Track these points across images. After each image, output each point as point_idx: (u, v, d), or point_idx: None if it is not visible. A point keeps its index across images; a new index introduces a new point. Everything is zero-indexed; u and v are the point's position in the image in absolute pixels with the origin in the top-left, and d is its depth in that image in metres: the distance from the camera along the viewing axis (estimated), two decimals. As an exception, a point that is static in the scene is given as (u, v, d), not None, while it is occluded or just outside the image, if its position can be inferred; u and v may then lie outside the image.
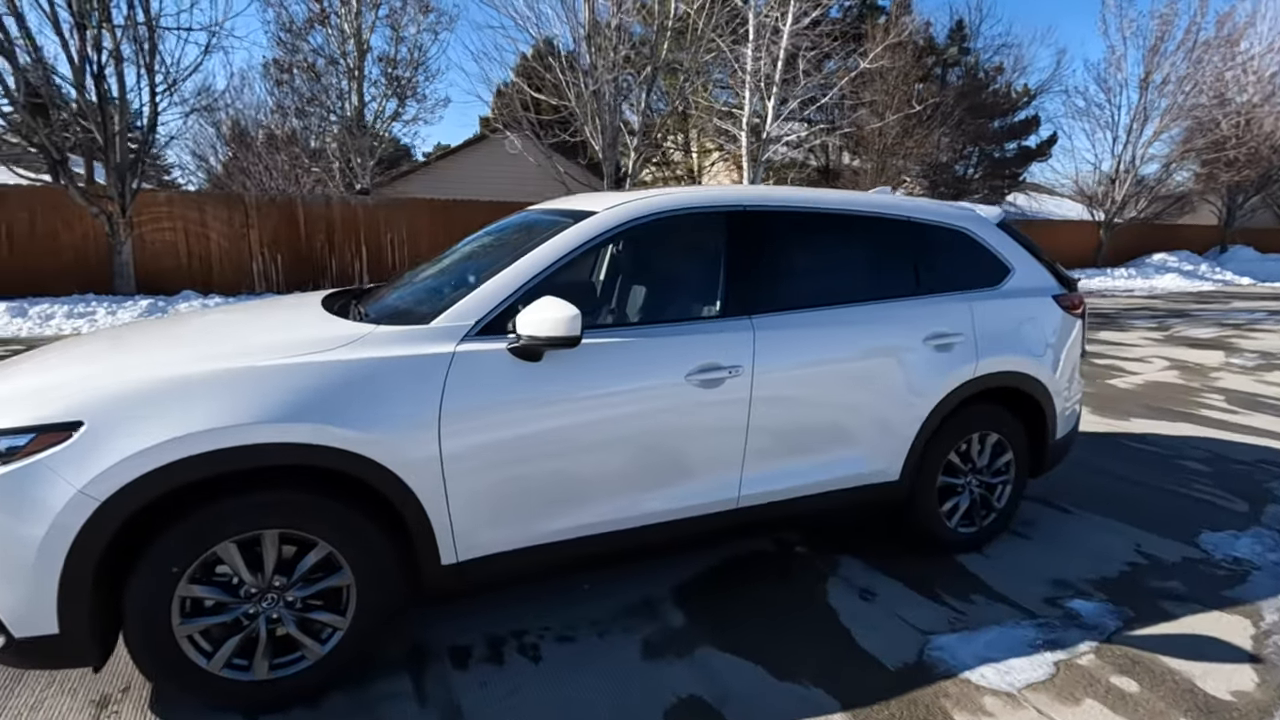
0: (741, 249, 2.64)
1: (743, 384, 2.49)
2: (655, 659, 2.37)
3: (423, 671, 2.28)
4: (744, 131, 15.91)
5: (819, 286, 2.80)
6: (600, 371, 2.31)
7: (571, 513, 2.33)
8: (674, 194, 2.66)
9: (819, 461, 2.72)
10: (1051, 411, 3.19)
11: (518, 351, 2.18)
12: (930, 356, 2.85)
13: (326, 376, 1.99)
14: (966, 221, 3.15)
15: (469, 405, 2.13)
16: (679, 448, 2.45)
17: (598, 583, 2.83)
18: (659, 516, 2.46)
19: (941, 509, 3.06)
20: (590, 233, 2.42)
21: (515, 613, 2.61)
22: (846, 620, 2.63)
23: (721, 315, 2.56)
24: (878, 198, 3.07)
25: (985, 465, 3.14)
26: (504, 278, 2.29)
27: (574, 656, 2.38)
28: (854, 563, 3.08)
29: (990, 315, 3.02)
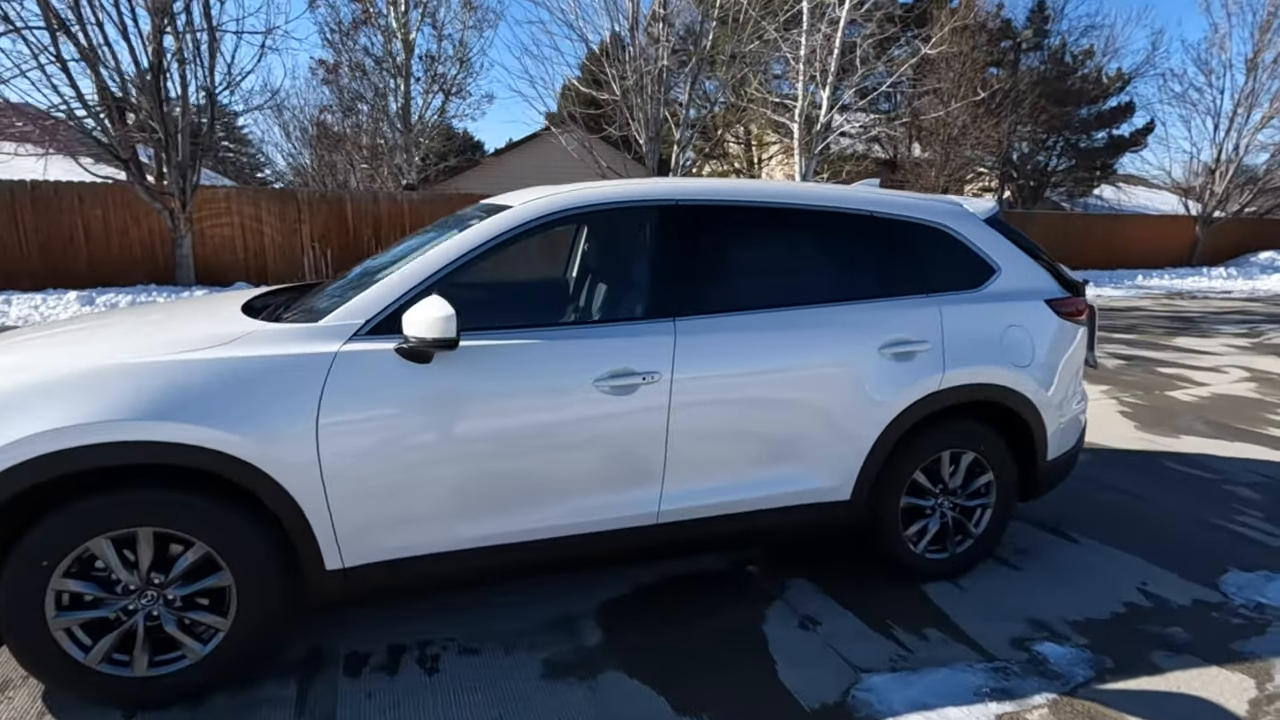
0: (668, 246, 2.46)
1: (660, 391, 2.32)
2: (555, 680, 2.24)
3: (313, 677, 2.23)
4: (796, 123, 15.44)
5: (757, 288, 2.58)
6: (497, 375, 2.19)
7: (467, 523, 2.22)
8: (594, 188, 2.50)
9: (754, 477, 2.51)
10: (1040, 429, 2.85)
11: (405, 353, 2.08)
12: (886, 366, 2.58)
13: (194, 375, 1.95)
14: (945, 217, 2.84)
15: (351, 407, 2.05)
16: (587, 458, 2.30)
17: (526, 594, 2.72)
18: (567, 530, 2.32)
19: (906, 533, 2.79)
20: (496, 230, 2.30)
21: (429, 621, 2.54)
22: (776, 650, 2.43)
23: (642, 318, 2.39)
24: (835, 190, 2.81)
25: (959, 486, 2.84)
26: (399, 276, 2.21)
27: (472, 672, 2.28)
28: (807, 587, 2.84)
29: (964, 321, 2.72)
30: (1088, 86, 24.12)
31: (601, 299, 2.60)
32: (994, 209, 3.04)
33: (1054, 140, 24.25)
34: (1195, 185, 20.60)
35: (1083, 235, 18.99)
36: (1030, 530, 3.40)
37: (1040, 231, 18.57)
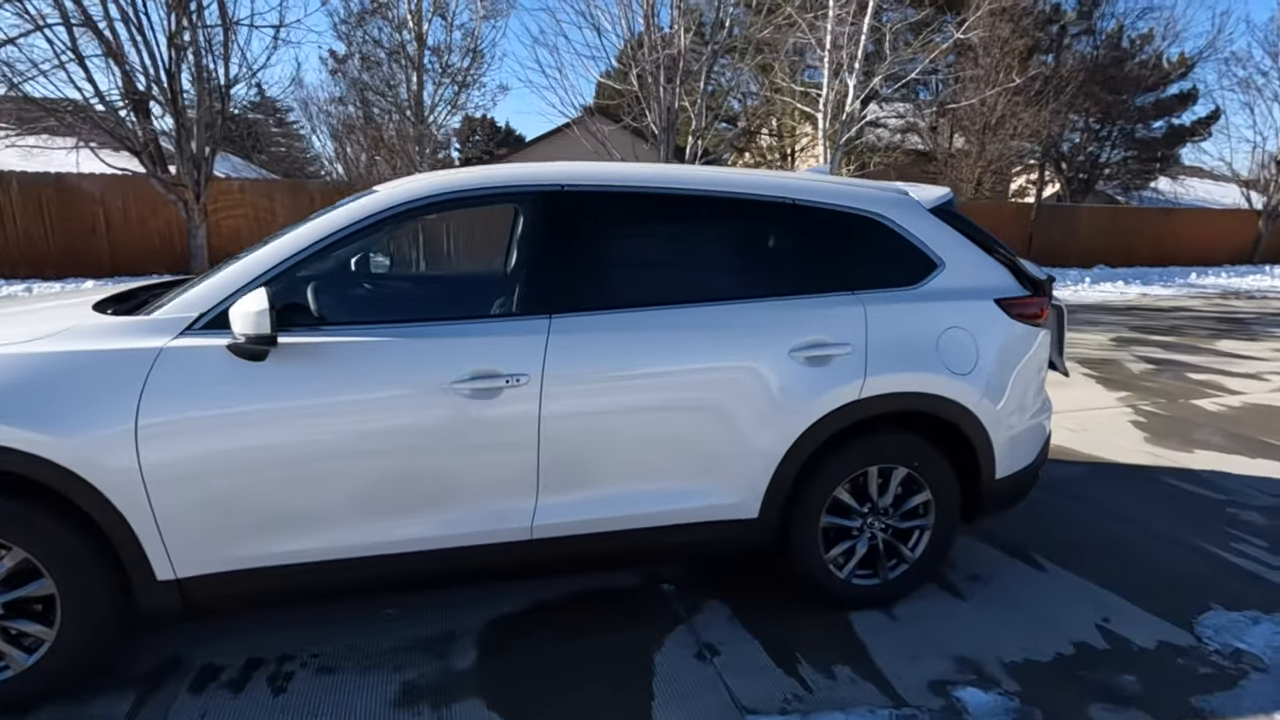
0: (549, 236, 2.24)
1: (528, 395, 2.11)
2: (405, 708, 2.06)
3: (155, 691, 2.10)
4: (821, 113, 14.92)
5: (650, 282, 2.34)
6: (340, 375, 2.01)
7: (312, 534, 2.05)
8: (473, 172, 2.29)
9: (644, 491, 2.28)
10: (985, 443, 2.54)
11: (236, 350, 1.92)
12: (798, 371, 2.32)
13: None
14: (882, 206, 2.55)
15: (175, 407, 1.90)
16: (445, 466, 2.11)
17: (417, 606, 2.55)
18: (425, 544, 2.14)
19: (829, 555, 2.52)
20: (350, 218, 2.11)
21: (304, 632, 2.39)
22: (661, 682, 2.20)
23: (514, 314, 2.19)
24: (752, 176, 2.54)
25: (890, 506, 2.55)
26: (240, 266, 2.05)
27: (320, 692, 2.11)
28: (721, 611, 2.60)
29: (892, 321, 2.43)
30: (1145, 72, 22.76)
31: (473, 294, 2.40)
32: (943, 197, 2.73)
33: (1108, 130, 22.98)
34: (1259, 177, 19.25)
35: (1131, 230, 17.96)
36: (991, 553, 3.08)
37: (1084, 227, 17.64)
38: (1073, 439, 4.68)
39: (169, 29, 9.57)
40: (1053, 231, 17.17)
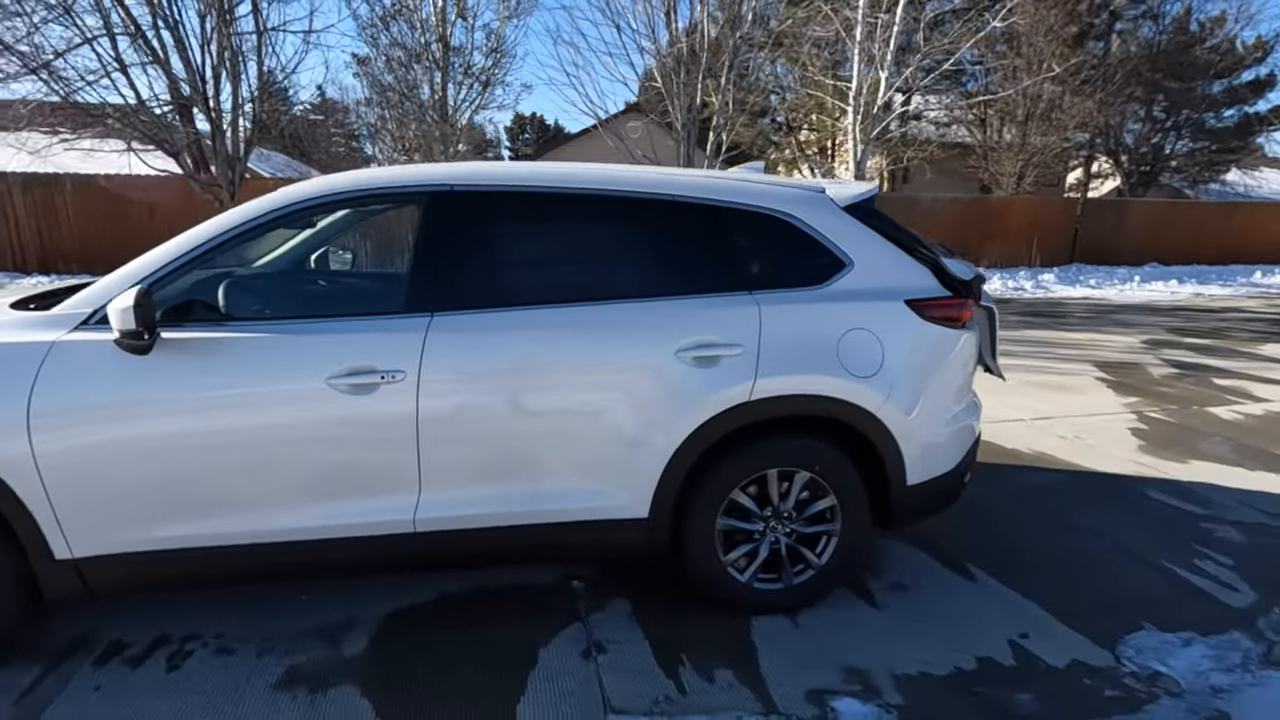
0: (436, 235, 2.27)
1: (405, 391, 2.15)
2: (283, 690, 2.14)
3: (59, 664, 2.24)
4: (851, 106, 14.57)
5: (537, 282, 2.36)
6: (220, 370, 2.10)
7: (196, 521, 2.15)
8: (363, 174, 2.35)
9: (529, 489, 2.30)
10: (892, 449, 2.46)
11: (122, 345, 2.03)
12: (685, 372, 2.29)
13: None
14: (790, 204, 2.49)
15: (63, 398, 2.02)
16: (324, 459, 2.18)
17: (327, 594, 2.64)
18: (309, 534, 2.21)
19: (727, 558, 2.49)
20: (243, 218, 2.20)
21: (215, 613, 2.50)
22: (538, 678, 2.22)
23: (397, 312, 2.23)
24: (651, 175, 2.52)
25: (793, 510, 2.51)
26: (134, 264, 2.16)
27: (208, 673, 2.21)
28: (622, 609, 2.60)
29: (789, 322, 2.37)
30: (1216, 58, 21.38)
31: (368, 292, 2.46)
32: (864, 194, 2.65)
33: (1173, 119, 21.68)
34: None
35: (1190, 225, 16.94)
36: (925, 562, 2.99)
37: (1136, 222, 16.73)
38: (1060, 446, 4.47)
39: (204, 36, 10.04)
40: (1102, 227, 16.32)
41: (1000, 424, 4.88)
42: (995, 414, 5.08)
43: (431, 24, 12.08)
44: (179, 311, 2.15)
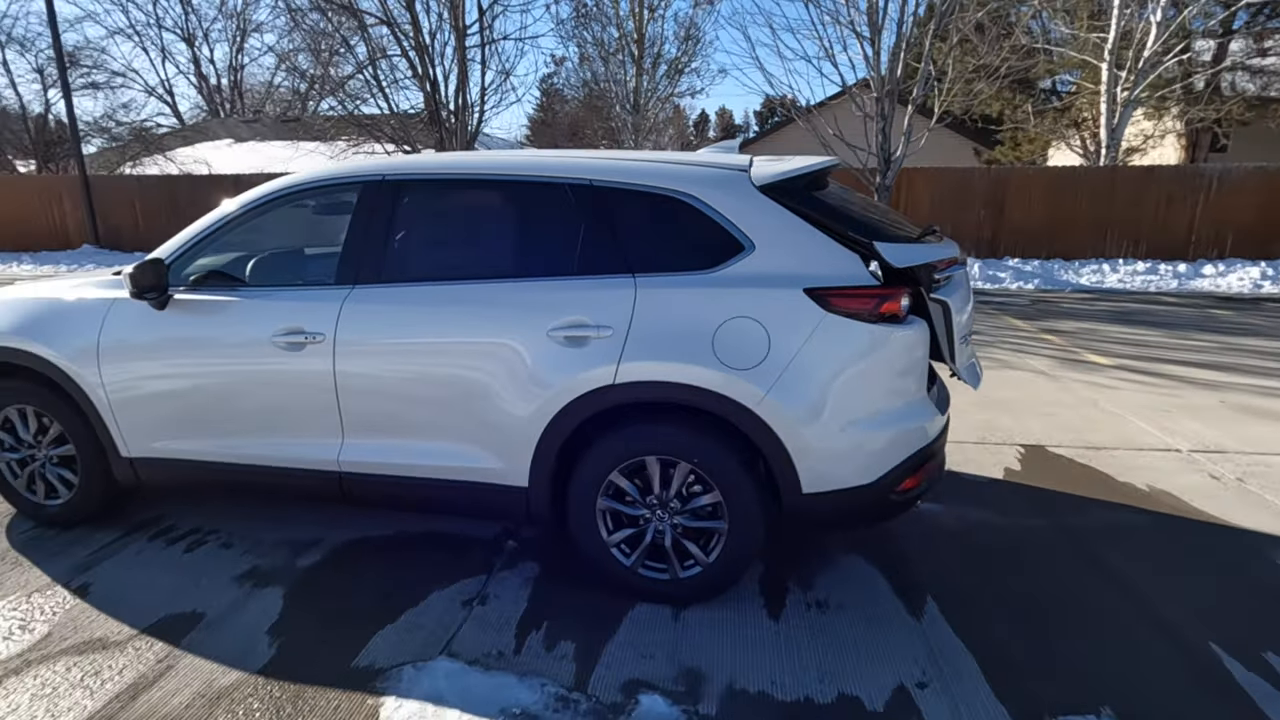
0: (367, 218, 2.62)
1: (324, 351, 2.55)
2: (236, 582, 2.70)
3: (132, 533, 3.08)
4: (1105, 62, 12.12)
5: (437, 261, 2.58)
6: (205, 325, 2.70)
7: (192, 439, 2.80)
8: (328, 167, 2.78)
9: (423, 446, 2.57)
10: (778, 451, 2.26)
11: (151, 302, 2.72)
12: (555, 351, 2.36)
13: (33, 308, 2.88)
14: (692, 185, 2.39)
15: (115, 339, 2.78)
16: (274, 401, 2.67)
17: (314, 516, 3.18)
18: (264, 460, 2.74)
19: (610, 539, 2.51)
20: (238, 205, 2.77)
21: (230, 518, 3.18)
22: (412, 613, 2.48)
23: (328, 284, 2.63)
24: (552, 159, 2.57)
25: (674, 500, 2.43)
26: (174, 239, 2.84)
27: (207, 558, 2.87)
28: (529, 571, 2.76)
29: (663, 306, 2.30)
30: None
31: (312, 266, 2.88)
32: (797, 170, 2.43)
33: None
34: None
35: None
36: (872, 583, 2.65)
37: None
38: (1200, 487, 3.51)
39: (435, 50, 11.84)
40: None
41: (1137, 451, 3.96)
42: (1143, 439, 4.14)
43: (625, 18, 12.73)
44: (202, 279, 2.79)
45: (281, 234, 3.26)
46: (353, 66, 13.54)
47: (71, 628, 2.42)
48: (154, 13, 34.05)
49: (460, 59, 12.08)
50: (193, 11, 34.45)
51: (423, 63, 12.20)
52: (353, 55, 12.36)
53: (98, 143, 20.45)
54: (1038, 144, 19.36)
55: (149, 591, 2.63)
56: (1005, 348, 6.68)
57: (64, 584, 2.69)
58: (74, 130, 14.36)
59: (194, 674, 2.18)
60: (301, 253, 3.19)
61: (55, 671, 2.20)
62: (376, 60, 12.29)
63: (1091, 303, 9.71)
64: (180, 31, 29.34)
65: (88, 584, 2.69)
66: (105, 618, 2.48)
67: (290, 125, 22.82)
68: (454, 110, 12.60)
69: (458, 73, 11.98)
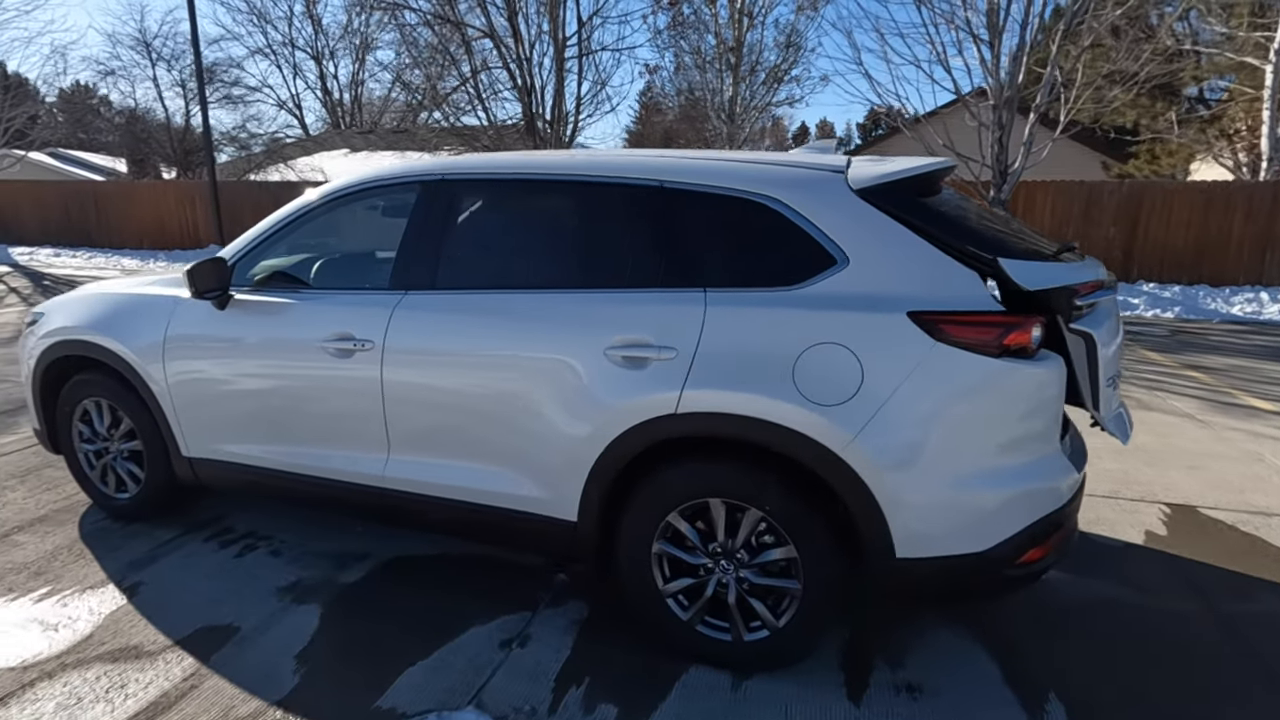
0: (422, 220, 2.46)
1: (372, 359, 2.40)
2: (280, 593, 2.59)
3: (190, 533, 3.06)
4: (1271, 65, 10.72)
5: (491, 267, 2.38)
6: (260, 326, 2.62)
7: (249, 443, 2.72)
8: (386, 167, 2.64)
9: (469, 468, 2.36)
10: (866, 504, 1.88)
11: (213, 302, 2.67)
12: (611, 371, 2.09)
13: (110, 303, 2.91)
14: (776, 187, 2.06)
15: (179, 336, 2.75)
16: (323, 409, 2.54)
17: (364, 529, 3.06)
18: (316, 471, 2.61)
19: (666, 587, 2.20)
20: (293, 210, 2.68)
21: (282, 524, 3.11)
22: (445, 651, 2.27)
23: (381, 288, 2.49)
24: (624, 158, 2.31)
25: (742, 552, 2.09)
26: (239, 239, 2.79)
27: (256, 565, 2.79)
28: (575, 612, 2.49)
29: (735, 327, 1.98)
30: None
31: (372, 270, 2.73)
32: (908, 171, 2.06)
33: None
34: None
35: None
36: (978, 666, 2.21)
37: None
38: None
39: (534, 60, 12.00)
40: None
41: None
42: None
43: (725, 26, 12.45)
44: (266, 280, 2.73)
45: (352, 236, 3.19)
46: (456, 79, 13.98)
47: (112, 631, 2.37)
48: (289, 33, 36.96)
49: (558, 70, 12.20)
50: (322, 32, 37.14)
51: (522, 74, 12.41)
52: (456, 69, 12.75)
53: (229, 151, 22.25)
54: (1179, 157, 17.45)
55: (193, 597, 2.56)
56: (1141, 384, 5.87)
57: (116, 582, 2.67)
58: (208, 140, 15.60)
59: (215, 699, 2.05)
60: (366, 256, 3.09)
61: (86, 679, 2.13)
62: (479, 73, 12.61)
63: (1245, 336, 8.50)
64: (310, 50, 31.57)
65: (138, 584, 2.65)
66: (146, 624, 2.41)
67: (400, 136, 24.04)
68: (550, 121, 12.73)
69: (555, 83, 12.10)
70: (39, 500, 3.36)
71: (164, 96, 21.87)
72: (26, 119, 17.77)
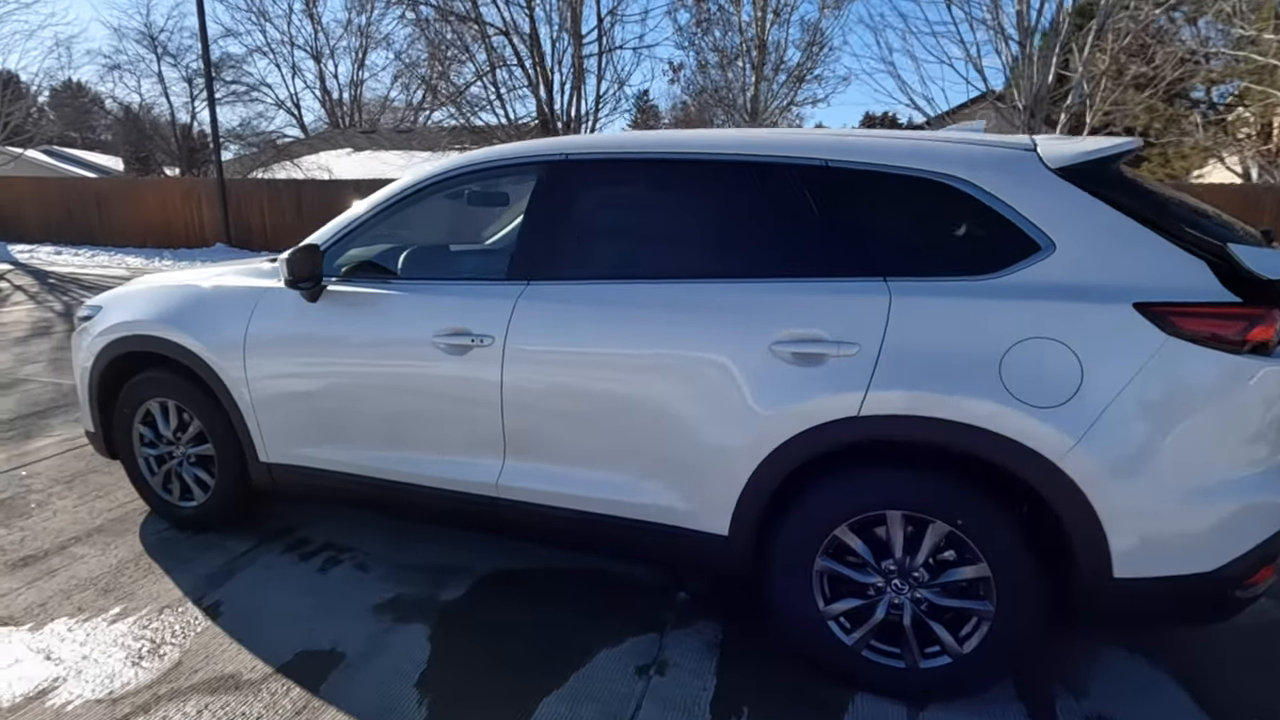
0: (542, 205, 2.25)
1: (492, 356, 2.18)
2: (376, 613, 2.36)
3: (264, 543, 2.82)
4: (1301, 67, 10.64)
5: (631, 255, 2.16)
6: (359, 320, 2.39)
7: (341, 448, 2.49)
8: (492, 149, 2.41)
9: (599, 476, 2.14)
10: (1084, 517, 1.68)
11: (301, 293, 2.44)
12: (780, 370, 1.88)
13: (181, 295, 2.67)
14: (963, 166, 1.86)
15: (263, 332, 2.52)
16: (430, 411, 2.32)
17: (456, 538, 2.83)
18: (419, 480, 2.38)
19: (828, 608, 1.99)
20: (391, 193, 2.46)
21: (363, 534, 2.87)
22: (579, 678, 2.06)
23: (499, 278, 2.27)
24: (777, 136, 2.09)
25: (922, 569, 1.89)
26: (323, 228, 2.57)
27: (343, 582, 2.55)
28: (709, 634, 2.28)
29: (931, 319, 1.78)
30: None
31: (478, 258, 2.52)
32: (1103, 150, 1.86)
33: None
34: None
35: None
36: (1172, 695, 2.00)
37: None
38: None
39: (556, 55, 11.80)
40: None
41: None
42: None
43: (748, 24, 12.31)
44: (354, 270, 2.49)
45: (428, 227, 2.96)
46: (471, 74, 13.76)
47: (203, 656, 2.14)
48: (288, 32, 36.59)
49: (577, 67, 12.01)
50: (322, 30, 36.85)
51: (539, 71, 12.22)
52: (474, 63, 12.55)
53: (234, 149, 21.90)
54: (1192, 159, 17.44)
55: (284, 618, 2.33)
56: None
57: (196, 600, 2.43)
58: (215, 137, 15.31)
59: (337, 735, 1.82)
60: (463, 244, 2.87)
61: (186, 714, 1.90)
62: (496, 69, 12.41)
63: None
64: (310, 49, 31.25)
65: (220, 602, 2.42)
66: (238, 648, 2.18)
67: (405, 135, 23.78)
68: (567, 121, 12.54)
69: (573, 80, 11.91)
70: (92, 509, 3.11)
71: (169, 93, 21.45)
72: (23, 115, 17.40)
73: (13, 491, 3.27)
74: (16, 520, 2.99)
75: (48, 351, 6.28)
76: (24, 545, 2.78)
